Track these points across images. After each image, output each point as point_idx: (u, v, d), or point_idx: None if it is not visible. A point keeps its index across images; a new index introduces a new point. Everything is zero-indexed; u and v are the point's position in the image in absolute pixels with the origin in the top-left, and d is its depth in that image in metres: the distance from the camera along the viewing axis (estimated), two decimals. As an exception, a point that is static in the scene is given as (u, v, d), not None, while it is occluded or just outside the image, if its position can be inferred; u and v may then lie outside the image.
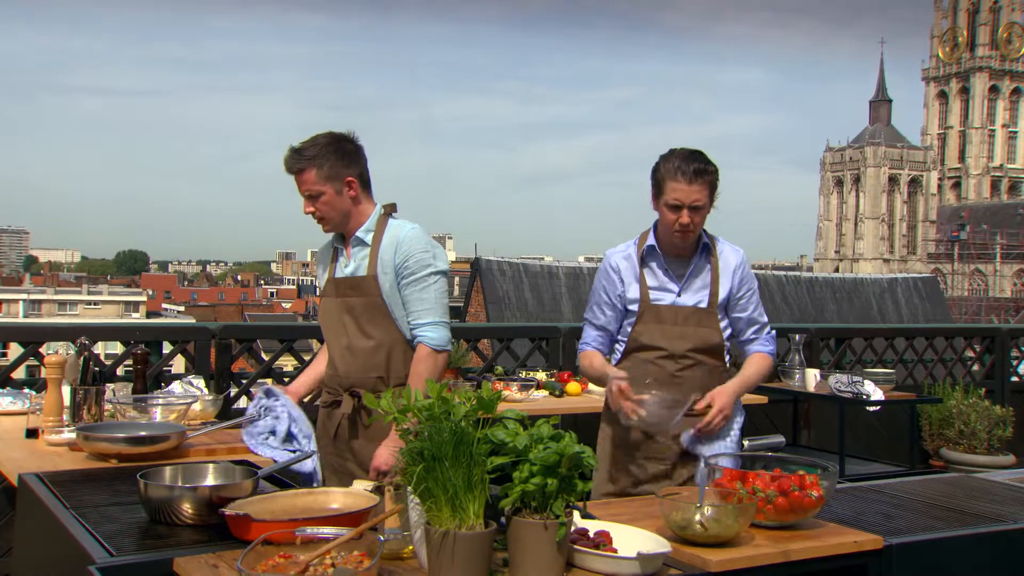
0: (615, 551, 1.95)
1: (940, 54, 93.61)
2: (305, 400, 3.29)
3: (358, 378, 3.10)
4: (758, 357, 3.25)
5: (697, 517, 2.10)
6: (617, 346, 3.26)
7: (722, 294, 3.15)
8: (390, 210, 3.17)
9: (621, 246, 3.27)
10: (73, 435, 3.17)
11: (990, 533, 2.48)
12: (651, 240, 3.17)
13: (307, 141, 3.10)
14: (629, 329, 3.18)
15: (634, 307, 3.16)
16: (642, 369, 3.10)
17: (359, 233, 3.13)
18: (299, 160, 3.07)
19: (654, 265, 3.18)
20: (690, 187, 2.99)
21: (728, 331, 3.19)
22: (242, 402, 5.27)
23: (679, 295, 3.15)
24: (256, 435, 2.96)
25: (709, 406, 3.02)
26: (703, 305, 3.14)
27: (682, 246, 3.13)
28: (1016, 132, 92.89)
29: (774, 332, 3.29)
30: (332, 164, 3.07)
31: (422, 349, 3.07)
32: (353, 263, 3.14)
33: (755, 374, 3.21)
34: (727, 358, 3.20)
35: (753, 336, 3.24)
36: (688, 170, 2.99)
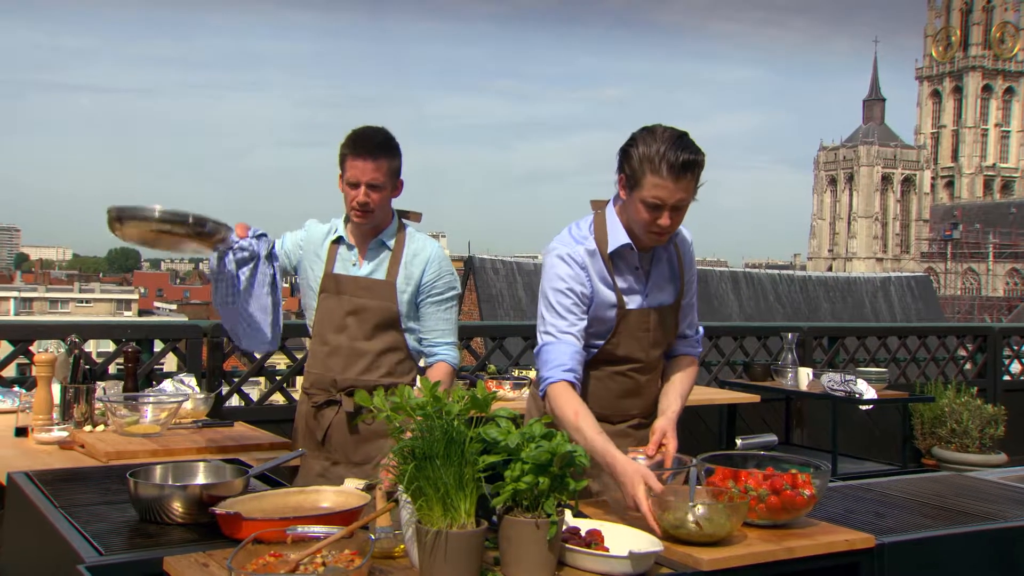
0: (607, 550, 1.94)
1: (934, 53, 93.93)
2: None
3: (357, 380, 3.02)
4: (692, 366, 2.77)
5: (689, 516, 2.10)
6: None
7: (686, 285, 2.71)
8: (414, 219, 3.17)
9: (572, 237, 2.62)
10: (64, 433, 3.15)
11: (981, 532, 2.48)
12: (624, 238, 2.57)
13: (382, 130, 3.00)
14: (597, 341, 2.63)
15: (609, 314, 2.60)
16: (617, 384, 2.67)
17: (383, 236, 3.07)
18: (388, 147, 2.97)
19: (622, 265, 2.62)
20: (676, 185, 2.40)
21: None
22: (234, 400, 5.26)
23: (646, 296, 2.64)
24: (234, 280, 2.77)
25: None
26: (669, 302, 2.67)
27: (654, 245, 2.61)
28: (1009, 132, 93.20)
29: (702, 329, 2.86)
30: (399, 162, 3.03)
31: (444, 367, 3.10)
32: (369, 265, 3.06)
33: (690, 390, 2.72)
34: None
35: (686, 332, 2.77)
36: (676, 163, 2.38)
